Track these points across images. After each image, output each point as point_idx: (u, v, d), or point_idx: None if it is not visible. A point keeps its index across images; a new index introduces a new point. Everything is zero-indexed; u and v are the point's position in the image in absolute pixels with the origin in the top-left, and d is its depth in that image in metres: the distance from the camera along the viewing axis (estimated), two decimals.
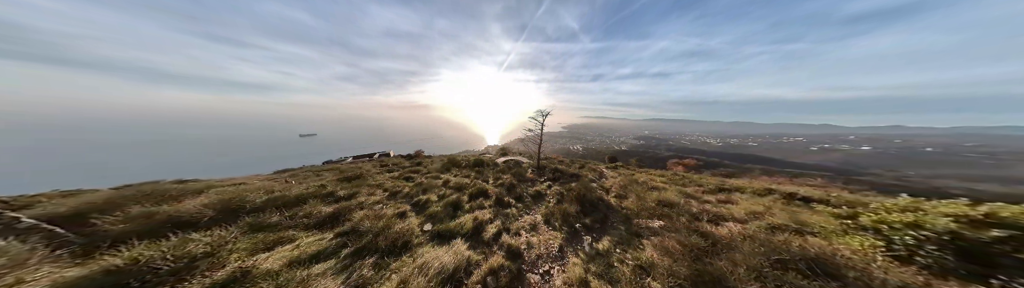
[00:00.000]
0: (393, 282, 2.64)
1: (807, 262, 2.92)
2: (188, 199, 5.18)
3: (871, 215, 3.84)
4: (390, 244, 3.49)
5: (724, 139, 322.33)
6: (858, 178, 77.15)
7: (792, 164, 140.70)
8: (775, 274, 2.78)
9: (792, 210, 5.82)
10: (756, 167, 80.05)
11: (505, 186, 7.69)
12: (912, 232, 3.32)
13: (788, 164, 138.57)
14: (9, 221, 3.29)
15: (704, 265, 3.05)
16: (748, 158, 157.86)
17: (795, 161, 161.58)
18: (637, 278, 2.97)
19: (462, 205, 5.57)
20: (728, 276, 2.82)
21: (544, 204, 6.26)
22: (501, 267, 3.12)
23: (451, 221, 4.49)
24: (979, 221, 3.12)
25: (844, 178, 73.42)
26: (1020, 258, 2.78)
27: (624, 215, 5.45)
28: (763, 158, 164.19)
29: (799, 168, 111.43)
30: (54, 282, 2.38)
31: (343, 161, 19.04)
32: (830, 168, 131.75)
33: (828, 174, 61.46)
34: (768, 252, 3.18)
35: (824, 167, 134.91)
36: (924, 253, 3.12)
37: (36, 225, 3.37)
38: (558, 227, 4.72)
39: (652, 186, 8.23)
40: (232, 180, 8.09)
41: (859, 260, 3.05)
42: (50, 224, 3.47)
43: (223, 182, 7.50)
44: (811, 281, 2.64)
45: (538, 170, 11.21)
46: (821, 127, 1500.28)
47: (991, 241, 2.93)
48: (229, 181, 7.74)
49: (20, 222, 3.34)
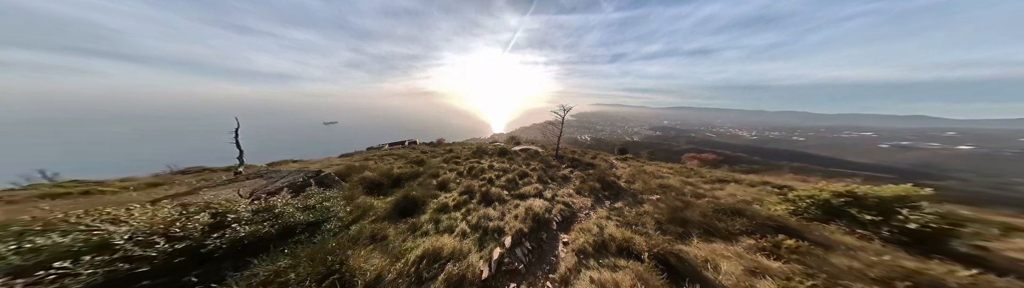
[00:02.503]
0: (521, 209, 6.00)
1: (732, 210, 6.16)
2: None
3: (795, 192, 7.02)
4: (495, 199, 6.86)
5: (763, 132, 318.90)
6: (932, 183, 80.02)
7: (843, 163, 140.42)
8: (713, 215, 6.03)
9: (762, 193, 9.05)
10: (791, 165, 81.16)
11: (538, 170, 10.99)
12: (807, 201, 6.52)
13: (837, 163, 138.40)
14: (324, 178, 6.76)
15: (677, 212, 6.32)
16: (785, 155, 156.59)
17: (848, 160, 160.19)
18: (636, 217, 6.28)
19: (517, 181, 8.91)
20: (688, 216, 6.09)
21: (572, 183, 9.58)
22: (562, 210, 6.47)
23: (519, 189, 7.84)
24: (840, 193, 6.28)
25: (911, 182, 71.90)
26: (850, 212, 5.96)
27: (632, 193, 8.75)
28: (806, 155, 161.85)
29: (852, 168, 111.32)
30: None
31: (382, 148, 22.66)
32: (897, 170, 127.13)
33: (887, 176, 60.06)
34: (714, 207, 6.42)
35: (888, 168, 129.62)
36: (809, 210, 6.34)
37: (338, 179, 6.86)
38: (587, 196, 8.08)
39: (658, 176, 11.48)
40: (329, 161, 11.57)
41: (762, 210, 6.30)
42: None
43: (323, 162, 10.97)
44: (729, 216, 5.89)
45: (557, 158, 14.53)
46: (910, 119, 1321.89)
47: (839, 204, 6.12)
48: (326, 162, 11.19)
49: (330, 178, 6.82)
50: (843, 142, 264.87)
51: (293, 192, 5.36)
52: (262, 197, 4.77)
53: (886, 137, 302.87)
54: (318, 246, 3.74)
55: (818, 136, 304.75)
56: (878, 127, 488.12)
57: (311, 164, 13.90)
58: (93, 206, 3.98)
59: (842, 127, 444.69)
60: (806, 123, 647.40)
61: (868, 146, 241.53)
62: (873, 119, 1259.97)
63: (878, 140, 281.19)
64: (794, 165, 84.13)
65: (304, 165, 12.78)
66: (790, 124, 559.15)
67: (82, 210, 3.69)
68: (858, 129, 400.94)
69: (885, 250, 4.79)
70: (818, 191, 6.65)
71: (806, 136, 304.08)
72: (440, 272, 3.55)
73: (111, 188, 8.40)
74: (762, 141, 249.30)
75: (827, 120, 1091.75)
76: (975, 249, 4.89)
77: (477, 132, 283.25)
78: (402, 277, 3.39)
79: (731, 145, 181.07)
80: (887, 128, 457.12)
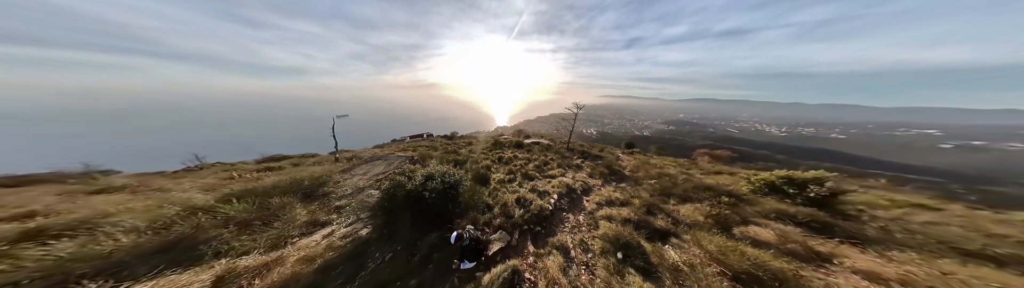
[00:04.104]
0: (554, 182, 9.89)
1: (706, 188, 9.91)
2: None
3: (755, 177, 10.68)
4: (533, 177, 10.76)
5: (794, 128, 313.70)
6: (988, 188, 69.85)
7: (887, 165, 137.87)
8: (691, 190, 9.79)
9: (742, 181, 12.75)
10: (821, 165, 79.63)
11: (556, 160, 14.82)
12: (760, 182, 10.22)
13: (880, 164, 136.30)
14: (417, 161, 10.72)
15: (666, 190, 10.09)
16: (816, 153, 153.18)
17: (894, 161, 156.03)
18: (634, 191, 10.09)
19: (542, 167, 12.76)
20: (673, 191, 9.87)
21: (584, 170, 13.38)
22: (583, 185, 10.35)
23: (547, 172, 11.71)
24: (782, 177, 9.93)
25: (962, 185, 71.18)
26: (783, 188, 9.63)
27: (634, 179, 12.52)
28: (840, 155, 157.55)
29: (896, 170, 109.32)
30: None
31: (404, 140, 26.80)
32: (952, 173, 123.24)
33: (934, 180, 55.49)
34: (696, 185, 10.18)
35: (941, 172, 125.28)
36: (761, 189, 10.06)
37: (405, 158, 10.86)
38: (598, 179, 11.90)
39: (660, 166, 15.18)
40: (374, 151, 15.61)
41: (727, 188, 10.06)
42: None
43: (374, 151, 15.03)
44: (703, 191, 9.65)
45: (569, 151, 18.39)
46: (999, 114, 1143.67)
47: (781, 184, 9.80)
48: (375, 151, 15.24)
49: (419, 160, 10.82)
50: (894, 141, 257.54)
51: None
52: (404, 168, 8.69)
53: (954, 135, 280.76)
54: (468, 188, 7.65)
55: (864, 133, 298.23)
56: (949, 124, 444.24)
57: (361, 153, 17.96)
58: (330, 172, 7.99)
59: (897, 124, 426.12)
60: (852, 118, 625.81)
61: (928, 145, 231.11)
62: (945, 114, 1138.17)
63: (941, 139, 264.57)
64: (826, 165, 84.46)
65: (356, 154, 16.82)
66: (833, 119, 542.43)
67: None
68: (920, 126, 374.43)
69: (783, 205, 8.48)
70: (769, 176, 10.29)
71: (849, 133, 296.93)
72: (529, 205, 7.46)
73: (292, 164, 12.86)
74: (792, 138, 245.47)
75: (882, 115, 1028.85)
76: (851, 209, 8.56)
77: (481, 125, 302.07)
78: (512, 206, 7.32)
79: (753, 142, 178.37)
80: (963, 125, 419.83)
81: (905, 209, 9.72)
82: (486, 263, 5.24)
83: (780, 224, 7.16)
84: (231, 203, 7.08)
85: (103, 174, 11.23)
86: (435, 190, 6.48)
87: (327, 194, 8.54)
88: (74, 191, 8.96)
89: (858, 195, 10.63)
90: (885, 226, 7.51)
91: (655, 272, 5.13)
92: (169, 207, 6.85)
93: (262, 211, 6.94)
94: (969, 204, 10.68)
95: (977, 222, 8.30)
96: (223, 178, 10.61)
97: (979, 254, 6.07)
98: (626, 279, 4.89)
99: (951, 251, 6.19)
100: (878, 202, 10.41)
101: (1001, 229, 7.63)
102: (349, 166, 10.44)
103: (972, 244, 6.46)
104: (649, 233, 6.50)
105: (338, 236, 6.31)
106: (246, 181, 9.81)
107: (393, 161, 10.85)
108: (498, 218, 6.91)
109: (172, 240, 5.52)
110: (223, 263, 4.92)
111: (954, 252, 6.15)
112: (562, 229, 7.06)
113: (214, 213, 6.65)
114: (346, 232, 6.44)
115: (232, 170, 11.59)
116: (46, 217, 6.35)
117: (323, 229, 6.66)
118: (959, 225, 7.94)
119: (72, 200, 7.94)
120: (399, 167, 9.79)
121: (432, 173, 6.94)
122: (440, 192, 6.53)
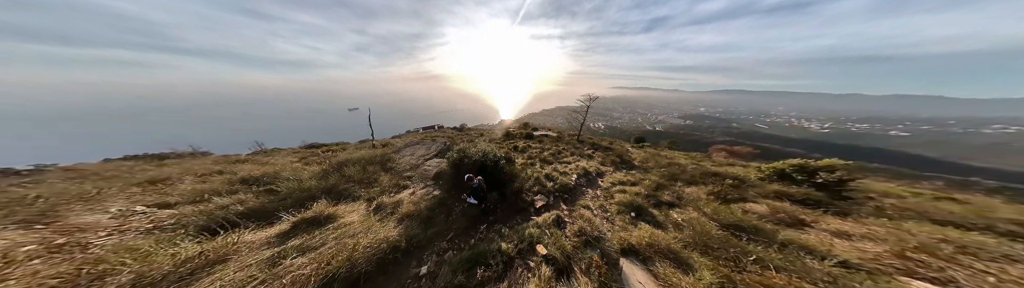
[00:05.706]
0: (571, 166, 11.87)
1: (713, 174, 11.62)
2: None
3: (766, 166, 12.25)
4: (551, 162, 12.75)
5: (842, 123, 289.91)
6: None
7: (960, 168, 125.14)
8: (700, 176, 11.51)
9: (752, 171, 14.31)
10: (871, 167, 66.56)
11: (569, 149, 16.71)
12: (770, 171, 11.82)
13: (953, 168, 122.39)
14: (431, 143, 12.97)
15: (674, 175, 11.85)
16: (866, 153, 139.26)
17: (968, 164, 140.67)
18: (643, 176, 11.91)
19: (557, 155, 14.69)
20: (680, 176, 11.62)
21: (596, 159, 15.21)
22: (597, 170, 12.27)
23: (562, 159, 13.67)
24: (793, 165, 11.48)
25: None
26: (792, 175, 11.18)
27: (643, 168, 14.26)
28: (899, 155, 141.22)
29: (982, 176, 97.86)
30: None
31: (418, 131, 29.34)
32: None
33: (1010, 185, 53.20)
34: (704, 171, 11.89)
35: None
36: (770, 176, 11.67)
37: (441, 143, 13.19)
38: (609, 166, 13.74)
39: (669, 157, 16.82)
40: (399, 139, 18.10)
41: (733, 173, 11.74)
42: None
43: (398, 139, 17.53)
44: (709, 177, 11.36)
45: (580, 142, 20.28)
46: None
47: (790, 171, 11.37)
48: (398, 140, 17.69)
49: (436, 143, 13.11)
50: (975, 140, 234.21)
51: (445, 150, 11.43)
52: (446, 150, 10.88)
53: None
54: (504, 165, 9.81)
55: (937, 130, 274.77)
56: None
57: (391, 142, 20.45)
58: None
59: (987, 120, 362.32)
60: (926, 112, 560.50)
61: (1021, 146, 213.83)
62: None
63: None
64: (877, 167, 74.16)
65: (388, 142, 19.22)
66: (900, 113, 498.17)
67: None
68: (1020, 121, 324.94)
69: (787, 188, 10.06)
70: (781, 164, 11.83)
71: (916, 130, 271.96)
72: (556, 180, 9.51)
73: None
74: (836, 135, 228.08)
75: (969, 108, 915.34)
76: (853, 192, 10.08)
77: (486, 118, 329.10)
78: (543, 179, 9.44)
79: (784, 138, 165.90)
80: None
81: (921, 198, 11.06)
82: (489, 204, 7.77)
83: (776, 202, 8.83)
84: (344, 169, 10.72)
85: (203, 154, 14.88)
86: (493, 160, 9.00)
87: (393, 168, 11.58)
88: (223, 161, 13.38)
89: (873, 184, 12.06)
90: (880, 205, 9.03)
91: (661, 224, 7.12)
92: (303, 169, 10.94)
93: (365, 174, 10.31)
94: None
95: (990, 205, 9.56)
96: (300, 157, 14.28)
97: (951, 223, 7.57)
98: (639, 226, 6.89)
99: (928, 222, 7.71)
100: (895, 191, 11.78)
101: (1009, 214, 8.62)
102: (395, 149, 12.86)
103: (953, 217, 7.94)
104: (656, 203, 8.44)
105: (418, 195, 9.12)
106: (324, 158, 13.00)
107: (431, 145, 13.47)
108: (535, 186, 9.60)
109: (327, 186, 9.09)
110: (372, 200, 8.40)
111: (931, 222, 7.67)
112: (584, 198, 9.42)
113: (340, 173, 10.27)
114: (423, 193, 9.24)
115: (301, 153, 14.69)
116: (235, 174, 10.27)
117: (406, 190, 9.64)
118: (965, 209, 9.16)
119: (236, 166, 12.11)
120: (438, 149, 12.14)
121: (485, 150, 9.32)
122: (494, 162, 9.07)
